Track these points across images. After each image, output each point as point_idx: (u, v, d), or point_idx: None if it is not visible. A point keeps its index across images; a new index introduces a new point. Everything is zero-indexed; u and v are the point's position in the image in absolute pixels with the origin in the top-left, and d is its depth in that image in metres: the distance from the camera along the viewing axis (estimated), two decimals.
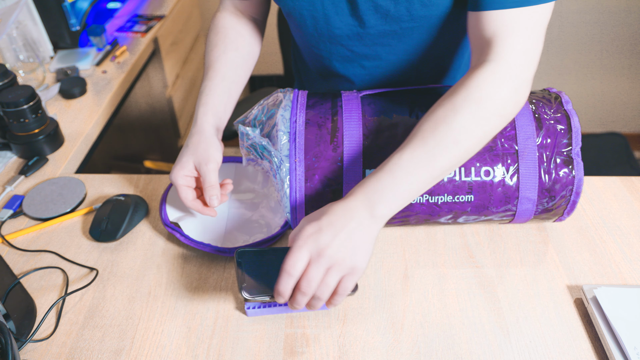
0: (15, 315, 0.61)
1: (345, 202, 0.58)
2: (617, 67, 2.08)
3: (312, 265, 0.55)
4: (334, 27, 0.75)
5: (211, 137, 0.70)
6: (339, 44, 0.78)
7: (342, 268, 0.55)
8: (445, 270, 0.69)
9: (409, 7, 0.68)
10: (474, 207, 0.66)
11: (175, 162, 0.70)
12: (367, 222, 0.57)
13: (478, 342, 0.61)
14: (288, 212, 0.67)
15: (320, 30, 0.76)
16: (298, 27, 0.79)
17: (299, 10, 0.74)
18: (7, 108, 0.87)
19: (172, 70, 1.63)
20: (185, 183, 0.70)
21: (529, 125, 0.66)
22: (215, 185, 0.68)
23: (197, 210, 0.70)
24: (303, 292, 0.55)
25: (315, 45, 0.80)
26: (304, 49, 0.87)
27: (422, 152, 0.58)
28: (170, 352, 0.60)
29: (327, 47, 0.79)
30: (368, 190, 0.58)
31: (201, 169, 0.68)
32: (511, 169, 0.65)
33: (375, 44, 0.76)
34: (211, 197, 0.68)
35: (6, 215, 0.79)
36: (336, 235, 0.55)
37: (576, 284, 0.67)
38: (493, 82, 0.60)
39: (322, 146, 0.66)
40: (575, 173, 0.65)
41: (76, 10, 1.29)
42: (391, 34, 0.74)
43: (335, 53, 0.80)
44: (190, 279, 0.69)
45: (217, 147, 0.70)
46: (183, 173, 0.69)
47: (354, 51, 0.78)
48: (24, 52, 1.14)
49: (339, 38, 0.76)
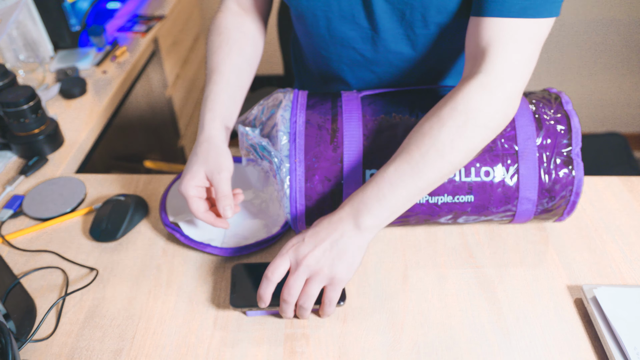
0: (15, 315, 0.61)
1: (332, 215, 0.60)
2: (617, 67, 2.09)
3: (291, 274, 0.58)
4: (347, 29, 0.74)
5: (221, 145, 0.68)
6: (351, 47, 0.77)
7: (320, 278, 0.57)
8: (445, 270, 0.69)
9: (424, 13, 0.68)
10: (474, 208, 0.67)
11: (184, 172, 0.68)
12: (351, 232, 0.58)
13: (478, 342, 0.61)
14: (288, 212, 0.67)
15: (333, 32, 0.75)
16: (309, 29, 0.77)
17: (312, 11, 0.73)
18: (7, 108, 0.87)
19: (172, 70, 1.63)
20: (197, 194, 0.67)
21: (529, 126, 0.66)
22: (229, 195, 0.66)
23: (210, 222, 0.68)
24: (284, 300, 0.58)
25: (324, 48, 0.79)
26: (309, 52, 0.85)
27: (407, 165, 0.59)
28: (170, 352, 0.60)
29: (338, 51, 0.78)
30: (354, 202, 0.59)
31: (214, 179, 0.66)
32: (511, 170, 0.65)
33: (387, 50, 0.75)
34: (225, 208, 0.66)
35: (6, 215, 0.79)
36: (317, 245, 0.57)
37: (576, 284, 0.67)
38: (482, 95, 0.59)
39: (322, 146, 0.66)
40: (575, 173, 0.65)
41: (76, 10, 1.29)
42: (404, 39, 0.73)
43: (345, 57, 0.79)
44: (190, 279, 0.69)
45: (227, 156, 0.68)
46: (194, 183, 0.66)
47: (364, 56, 0.77)
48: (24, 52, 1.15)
49: (352, 41, 0.75)
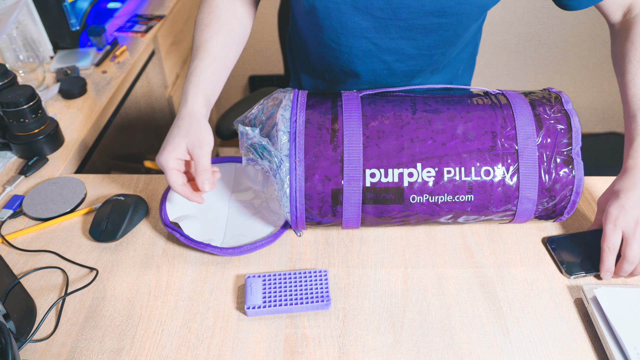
0: (15, 315, 0.61)
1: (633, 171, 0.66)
2: None
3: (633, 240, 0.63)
4: (360, 19, 0.73)
5: (203, 120, 0.69)
6: (364, 37, 0.76)
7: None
8: (445, 270, 0.69)
9: (443, 4, 0.69)
10: (474, 207, 0.66)
11: (164, 143, 0.67)
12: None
13: (478, 342, 0.61)
14: (288, 211, 0.67)
15: (345, 23, 0.75)
16: (319, 22, 0.77)
17: (324, 3, 0.72)
18: (7, 108, 0.87)
19: (172, 70, 1.63)
20: (176, 166, 0.67)
21: (529, 125, 0.66)
22: (209, 169, 0.66)
23: (186, 196, 0.67)
24: (631, 262, 0.64)
25: (335, 40, 0.79)
26: (317, 47, 0.84)
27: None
28: (170, 352, 0.60)
29: (349, 42, 0.78)
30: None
31: (195, 152, 0.66)
32: (511, 169, 0.65)
33: (401, 37, 0.75)
34: (204, 182, 0.66)
35: (6, 215, 0.79)
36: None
37: (576, 284, 0.67)
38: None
39: (322, 146, 0.66)
40: (576, 173, 0.65)
41: (76, 10, 1.29)
42: (420, 27, 0.73)
43: (356, 47, 0.78)
44: (190, 279, 0.69)
45: (209, 130, 0.69)
46: (174, 155, 0.66)
47: (377, 44, 0.77)
48: (24, 52, 1.14)
49: (365, 30, 0.75)
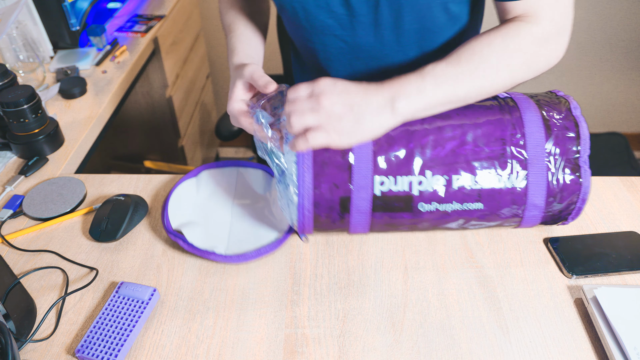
0: (15, 315, 0.61)
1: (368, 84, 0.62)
2: (617, 67, 2.08)
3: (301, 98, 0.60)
4: (325, 17, 0.75)
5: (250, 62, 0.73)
6: (332, 35, 0.78)
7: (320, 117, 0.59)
8: (445, 270, 0.69)
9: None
10: (482, 215, 0.66)
11: (228, 97, 0.71)
12: (382, 108, 0.60)
13: (478, 342, 0.61)
14: (295, 219, 0.65)
15: (312, 22, 0.77)
16: (291, 21, 0.80)
17: (290, 3, 0.75)
18: (7, 108, 0.87)
19: (172, 70, 1.63)
20: (245, 108, 0.69)
21: (539, 132, 0.65)
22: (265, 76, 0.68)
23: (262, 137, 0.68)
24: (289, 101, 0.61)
25: (308, 39, 0.81)
26: (299, 46, 0.88)
27: (453, 70, 0.62)
28: (170, 352, 0.60)
29: (321, 40, 0.80)
30: (394, 85, 0.61)
31: (251, 77, 0.67)
32: (520, 176, 0.64)
33: (368, 34, 0.77)
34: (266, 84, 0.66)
35: (6, 215, 0.79)
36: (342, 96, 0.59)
37: (576, 284, 0.67)
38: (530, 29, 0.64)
39: (331, 152, 0.64)
40: (583, 180, 0.65)
41: (76, 10, 1.29)
42: (383, 23, 0.74)
43: (329, 45, 0.80)
44: (190, 279, 0.69)
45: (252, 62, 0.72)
46: (238, 97, 0.69)
47: (347, 42, 0.79)
48: (24, 52, 1.14)
49: (331, 28, 0.77)
